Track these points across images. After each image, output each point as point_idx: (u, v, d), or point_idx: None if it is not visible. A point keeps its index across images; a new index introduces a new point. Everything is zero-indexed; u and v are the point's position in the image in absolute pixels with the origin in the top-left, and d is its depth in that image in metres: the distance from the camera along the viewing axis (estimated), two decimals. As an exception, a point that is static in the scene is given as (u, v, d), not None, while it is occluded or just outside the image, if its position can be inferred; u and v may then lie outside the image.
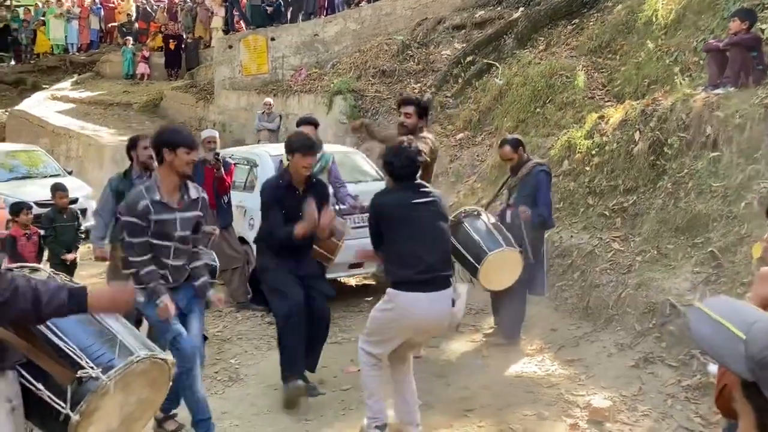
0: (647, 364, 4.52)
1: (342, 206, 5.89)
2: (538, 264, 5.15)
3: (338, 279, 6.72)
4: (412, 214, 3.58)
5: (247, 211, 6.73)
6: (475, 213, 5.05)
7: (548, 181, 5.21)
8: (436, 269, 3.51)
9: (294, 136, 4.66)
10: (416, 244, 3.51)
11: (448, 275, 3.60)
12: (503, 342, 5.26)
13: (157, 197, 3.56)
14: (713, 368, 4.21)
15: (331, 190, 5.89)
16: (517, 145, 5.25)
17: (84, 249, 7.42)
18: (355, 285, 7.30)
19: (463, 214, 5.01)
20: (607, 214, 6.06)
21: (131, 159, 5.22)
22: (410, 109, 5.21)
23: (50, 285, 1.93)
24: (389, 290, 3.56)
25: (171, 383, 2.24)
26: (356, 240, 5.82)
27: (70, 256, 6.38)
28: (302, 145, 4.32)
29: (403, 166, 3.66)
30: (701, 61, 6.98)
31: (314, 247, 5.08)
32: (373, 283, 7.20)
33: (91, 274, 7.22)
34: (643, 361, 4.54)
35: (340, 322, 5.90)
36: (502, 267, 4.69)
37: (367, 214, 6.23)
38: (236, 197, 6.64)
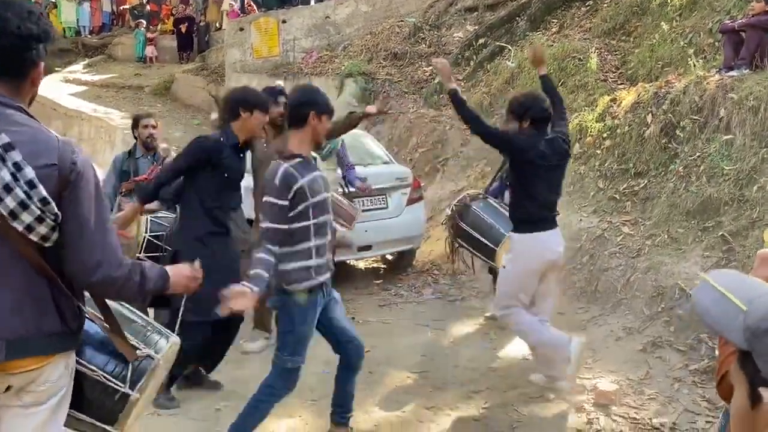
0: (655, 348, 4.50)
1: (351, 189, 5.89)
2: None
3: (347, 262, 6.73)
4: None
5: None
6: (481, 196, 5.03)
7: None
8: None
9: (247, 90, 4.29)
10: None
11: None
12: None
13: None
14: (721, 352, 4.20)
15: (339, 172, 5.90)
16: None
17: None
18: (364, 268, 7.31)
19: (468, 198, 4.99)
20: (618, 197, 6.01)
21: (136, 138, 5.25)
22: None
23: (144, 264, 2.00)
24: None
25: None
26: (365, 222, 5.83)
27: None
28: (264, 101, 4.05)
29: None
30: (716, 43, 6.88)
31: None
32: (383, 266, 7.21)
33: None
34: (651, 346, 4.52)
35: (348, 305, 5.90)
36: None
37: (375, 197, 6.32)
38: (245, 179, 6.64)
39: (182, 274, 2.05)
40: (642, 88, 6.58)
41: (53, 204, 1.72)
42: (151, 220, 4.46)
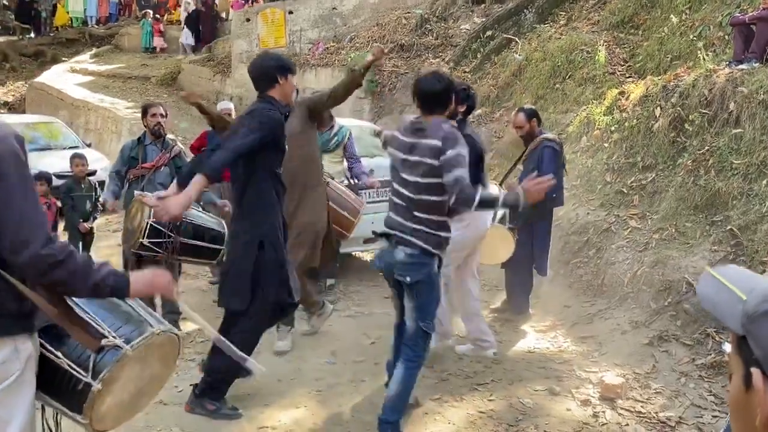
0: (661, 342, 4.49)
1: (357, 181, 5.87)
2: (543, 242, 5.13)
3: (353, 254, 6.73)
4: None
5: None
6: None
7: (554, 158, 4.97)
8: None
9: (275, 55, 4.00)
10: None
11: None
12: (513, 317, 5.29)
13: None
14: (728, 347, 4.19)
15: (346, 164, 5.88)
16: (531, 115, 5.14)
17: (102, 221, 7.50)
18: (370, 260, 7.30)
19: None
20: (625, 191, 5.98)
21: (145, 126, 5.29)
22: None
23: (96, 259, 1.97)
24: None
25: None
26: (371, 215, 5.82)
27: (86, 225, 6.43)
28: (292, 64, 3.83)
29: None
30: (726, 36, 6.83)
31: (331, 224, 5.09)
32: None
33: (108, 245, 7.31)
34: (658, 339, 4.51)
35: (354, 297, 5.92)
36: (492, 242, 4.73)
37: (383, 189, 6.31)
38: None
39: (143, 279, 2.00)
40: (651, 82, 6.54)
41: None
42: None
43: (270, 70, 3.59)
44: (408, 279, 3.32)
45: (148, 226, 4.30)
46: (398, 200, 3.40)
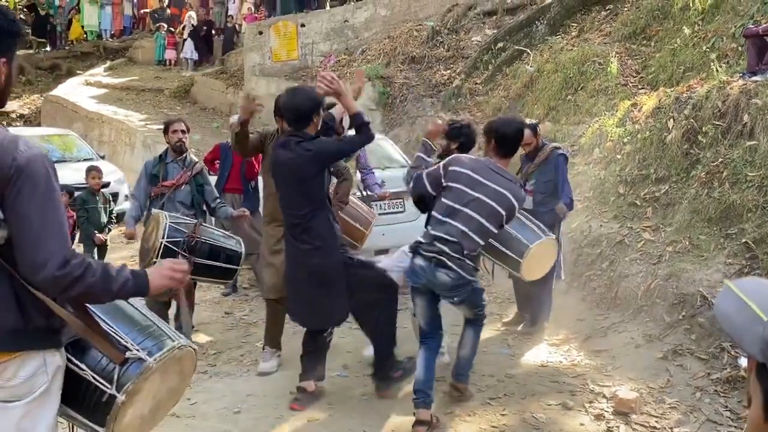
0: (676, 356, 4.44)
1: (369, 193, 5.88)
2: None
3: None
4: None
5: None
6: None
7: (566, 164, 5.22)
8: None
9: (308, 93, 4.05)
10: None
11: None
12: (526, 330, 5.25)
13: None
14: (744, 361, 4.13)
15: (359, 176, 5.90)
16: (535, 129, 5.24)
17: (115, 232, 7.55)
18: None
19: None
20: (638, 203, 5.95)
21: (168, 143, 5.26)
22: None
23: (113, 264, 1.97)
24: None
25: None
26: (383, 226, 5.83)
27: (101, 237, 6.48)
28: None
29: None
30: (740, 48, 6.80)
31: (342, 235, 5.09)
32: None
33: (122, 256, 7.36)
34: (672, 353, 4.46)
35: (366, 308, 5.90)
36: (543, 256, 4.56)
37: (392, 201, 6.32)
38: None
39: (160, 273, 2.01)
40: (663, 93, 6.52)
41: None
42: (169, 225, 4.46)
43: (307, 112, 3.83)
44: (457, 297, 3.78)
45: (162, 246, 4.32)
46: None
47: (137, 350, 2.00)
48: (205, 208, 5.26)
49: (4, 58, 1.87)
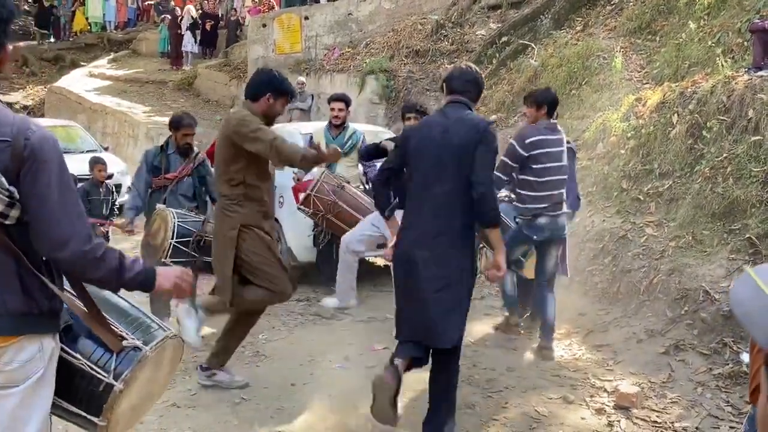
0: (678, 351, 4.43)
1: (370, 186, 5.87)
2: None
3: (366, 259, 6.71)
4: None
5: (276, 189, 6.73)
6: (506, 199, 4.97)
7: (575, 160, 5.23)
8: None
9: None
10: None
11: None
12: (529, 324, 5.25)
13: None
14: (746, 357, 4.12)
15: (361, 169, 5.89)
16: None
17: (118, 223, 7.54)
18: (383, 265, 7.28)
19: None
20: (642, 198, 5.93)
21: (174, 140, 5.13)
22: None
23: (128, 256, 1.98)
24: None
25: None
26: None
27: (102, 229, 6.48)
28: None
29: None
30: (745, 43, 6.75)
31: (340, 224, 5.10)
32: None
33: (123, 248, 7.35)
34: (674, 348, 4.45)
35: (368, 302, 5.91)
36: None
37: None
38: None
39: (168, 276, 2.01)
40: (668, 88, 6.49)
41: (3, 179, 1.71)
42: (178, 224, 4.42)
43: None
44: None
45: (171, 246, 4.31)
46: None
47: (133, 339, 2.00)
48: (207, 198, 5.24)
49: None
